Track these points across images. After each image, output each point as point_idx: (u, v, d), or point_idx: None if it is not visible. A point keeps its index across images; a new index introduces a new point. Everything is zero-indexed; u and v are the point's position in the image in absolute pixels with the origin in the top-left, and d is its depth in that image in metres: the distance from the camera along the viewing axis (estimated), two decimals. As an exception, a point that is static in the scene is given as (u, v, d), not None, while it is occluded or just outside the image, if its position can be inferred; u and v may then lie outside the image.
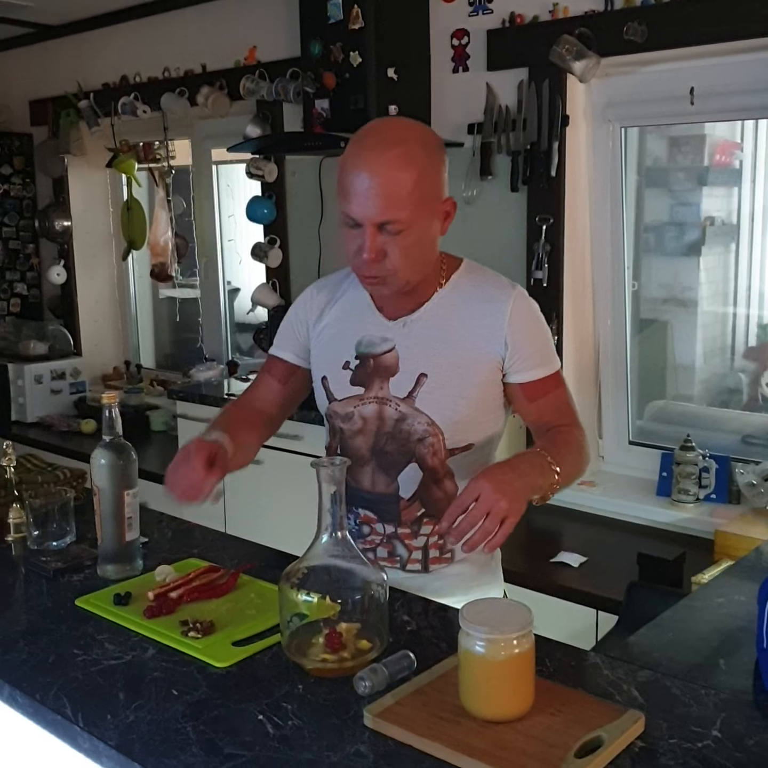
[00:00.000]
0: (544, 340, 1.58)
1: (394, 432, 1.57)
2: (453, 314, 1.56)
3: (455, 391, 1.54)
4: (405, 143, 1.44)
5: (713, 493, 2.83)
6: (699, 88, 2.70)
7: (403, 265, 1.47)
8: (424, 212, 1.45)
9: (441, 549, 1.60)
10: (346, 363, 1.61)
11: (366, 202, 1.42)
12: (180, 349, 4.79)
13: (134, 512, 1.60)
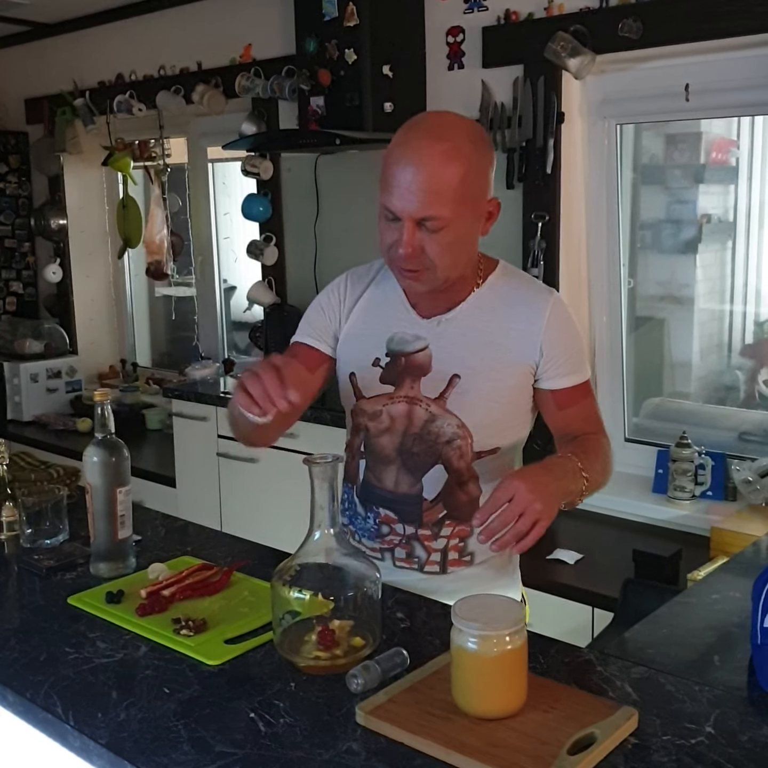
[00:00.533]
0: (579, 348, 1.56)
1: (422, 433, 1.54)
2: (489, 316, 1.53)
3: (487, 394, 1.52)
4: (454, 138, 1.39)
5: (709, 490, 2.82)
6: (694, 85, 2.69)
7: (440, 262, 1.44)
8: (467, 211, 1.41)
9: (461, 551, 1.58)
10: (377, 360, 1.57)
11: (408, 196, 1.38)
12: (176, 347, 4.79)
13: (127, 510, 1.59)
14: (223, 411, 3.31)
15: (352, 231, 3.50)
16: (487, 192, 1.47)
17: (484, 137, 1.47)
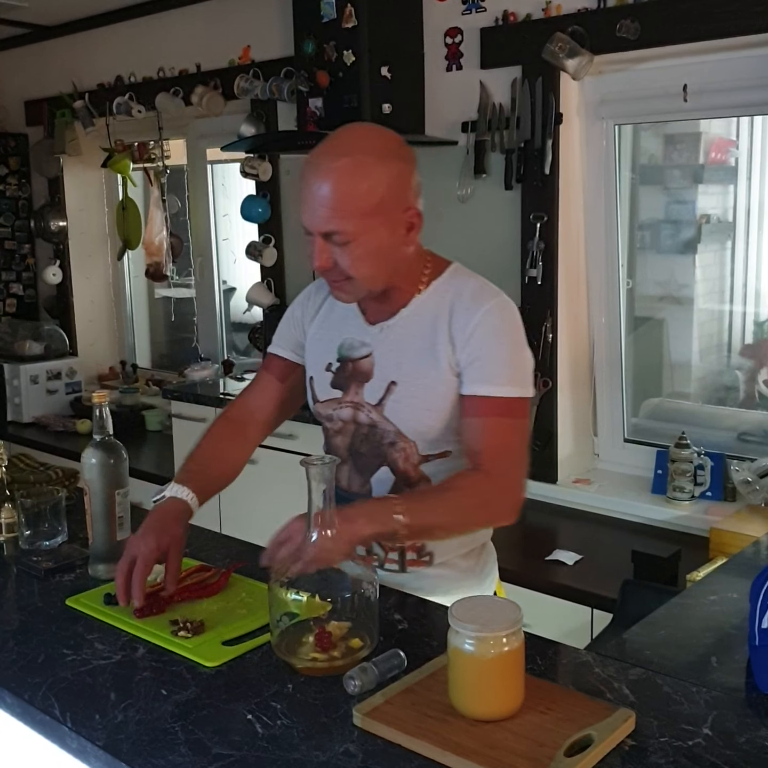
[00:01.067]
0: (505, 359, 1.47)
1: (369, 435, 1.57)
2: (428, 322, 1.52)
3: (421, 402, 1.51)
4: (354, 153, 1.40)
5: (708, 491, 2.82)
6: (692, 85, 2.69)
7: (356, 273, 1.45)
8: (376, 224, 1.41)
9: (419, 551, 1.59)
10: (329, 365, 1.62)
11: (313, 212, 1.41)
12: (175, 348, 4.79)
13: (125, 511, 1.59)
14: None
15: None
16: (400, 205, 1.44)
17: (394, 151, 1.44)
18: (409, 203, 1.45)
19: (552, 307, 2.96)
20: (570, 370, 3.07)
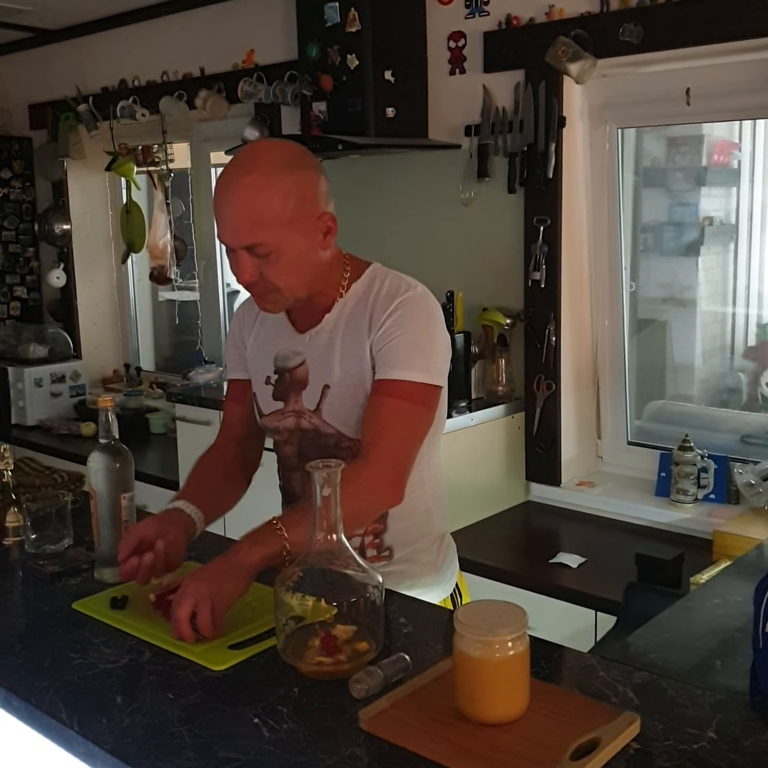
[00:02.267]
0: (410, 345, 1.51)
1: (314, 438, 1.61)
2: (351, 323, 1.57)
3: (352, 400, 1.56)
4: (259, 169, 1.45)
5: (712, 493, 2.83)
6: (695, 89, 2.70)
7: (281, 283, 1.50)
8: (294, 232, 1.46)
9: (378, 547, 1.63)
10: (267, 378, 1.66)
11: (232, 228, 1.46)
12: (179, 351, 4.79)
13: (131, 515, 1.60)
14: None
15: (353, 236, 3.48)
16: (313, 211, 1.49)
17: (298, 160, 1.49)
18: (321, 209, 1.51)
19: (555, 310, 2.97)
20: (573, 373, 3.07)
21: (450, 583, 1.73)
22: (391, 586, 1.56)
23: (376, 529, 1.62)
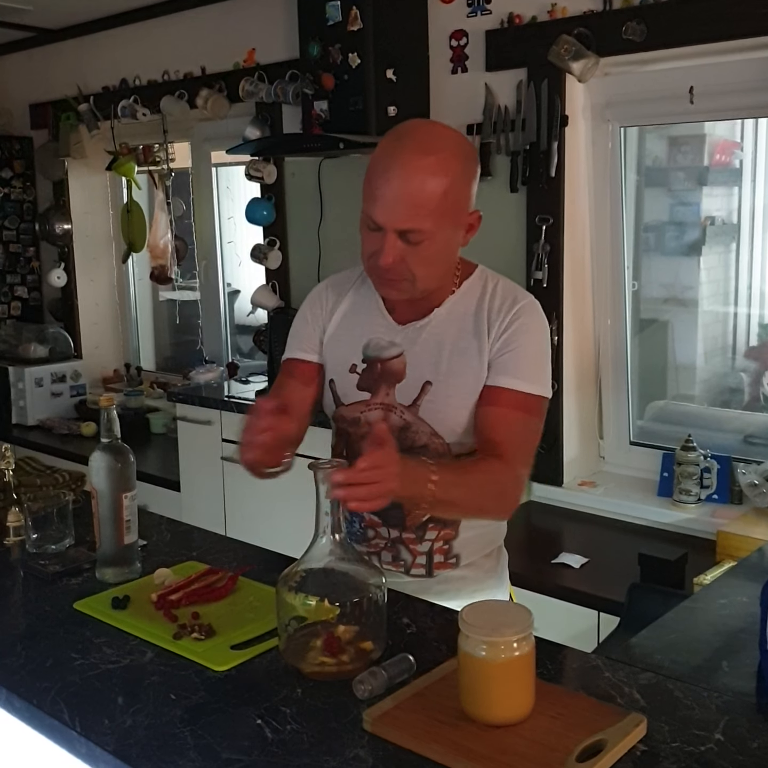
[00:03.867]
0: (532, 356, 1.50)
1: (400, 438, 1.53)
2: (461, 322, 1.53)
3: (457, 401, 1.51)
4: (441, 152, 1.39)
5: (715, 494, 2.81)
6: (698, 87, 2.69)
7: (420, 273, 1.45)
8: (448, 224, 1.42)
9: (446, 554, 1.59)
10: (353, 366, 1.57)
11: (392, 208, 1.39)
12: (180, 351, 4.78)
13: (132, 515, 1.58)
14: (227, 415, 3.31)
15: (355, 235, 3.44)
16: (469, 205, 1.47)
17: (471, 151, 1.47)
18: (473, 204, 1.48)
19: (558, 310, 2.96)
20: (575, 373, 3.06)
21: (507, 589, 1.70)
22: (454, 592, 1.56)
23: (447, 535, 1.58)
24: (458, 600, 1.53)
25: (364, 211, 1.44)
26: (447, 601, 1.52)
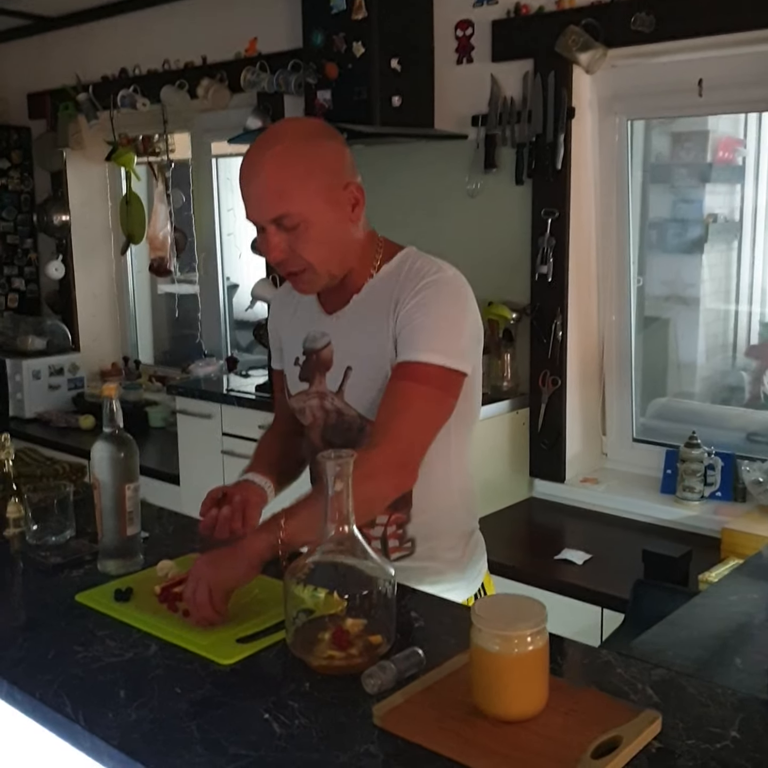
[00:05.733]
0: (430, 327, 1.47)
1: (337, 424, 1.59)
2: (377, 305, 1.54)
3: (375, 383, 1.53)
4: (282, 141, 1.45)
5: (718, 491, 2.80)
6: (708, 80, 2.66)
7: (313, 258, 1.47)
8: (321, 202, 1.45)
9: (401, 538, 1.60)
10: (296, 359, 1.65)
11: (256, 203, 1.45)
12: (179, 345, 4.75)
13: (135, 506, 1.56)
14: (227, 408, 3.29)
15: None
16: (339, 181, 1.48)
17: (321, 131, 1.50)
18: (348, 179, 1.49)
19: (562, 305, 2.93)
20: (579, 369, 3.04)
21: (475, 582, 1.68)
22: (414, 583, 1.54)
23: (399, 519, 1.58)
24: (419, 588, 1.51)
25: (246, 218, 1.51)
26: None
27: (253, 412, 3.17)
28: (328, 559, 1.25)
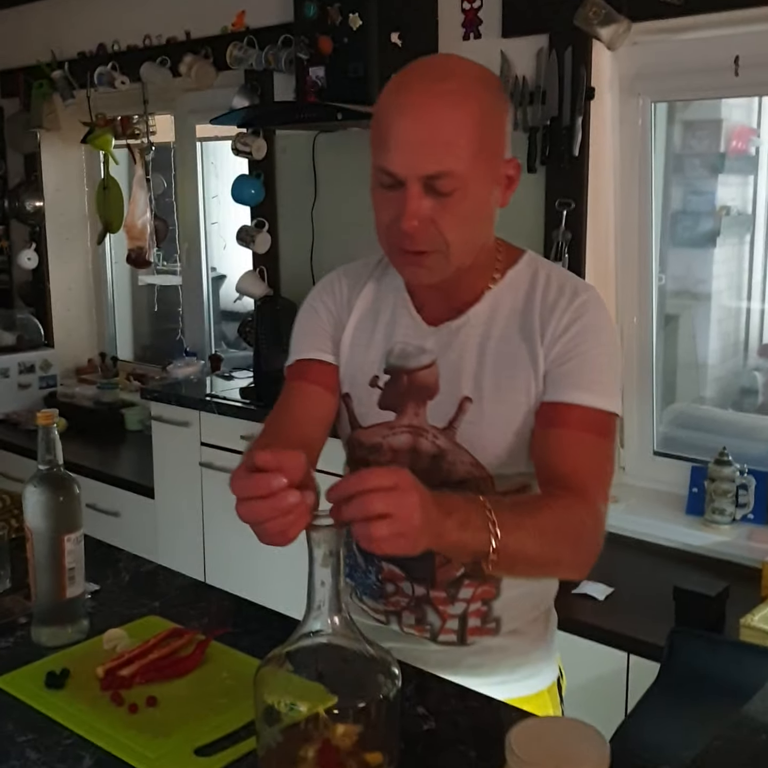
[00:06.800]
0: (602, 365, 1.19)
1: (431, 469, 1.22)
2: (507, 319, 1.23)
3: (504, 421, 1.20)
4: (460, 77, 1.12)
5: (750, 513, 2.53)
6: (744, 59, 2.37)
7: (453, 238, 1.14)
8: (483, 170, 1.13)
9: (484, 617, 1.27)
10: (374, 378, 1.27)
11: (411, 150, 1.10)
12: (159, 340, 4.49)
13: (77, 561, 1.27)
14: (207, 416, 3.00)
15: (352, 217, 3.20)
16: (504, 149, 1.18)
17: (496, 81, 1.20)
18: (508, 152, 1.19)
19: (578, 305, 2.66)
20: (596, 375, 2.77)
21: (556, 663, 1.38)
22: (491, 666, 1.26)
23: (487, 594, 1.26)
24: (496, 676, 1.23)
25: (375, 166, 1.15)
26: (482, 677, 1.21)
27: (235, 420, 2.88)
28: (317, 642, 0.97)
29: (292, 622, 1.35)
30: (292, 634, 0.97)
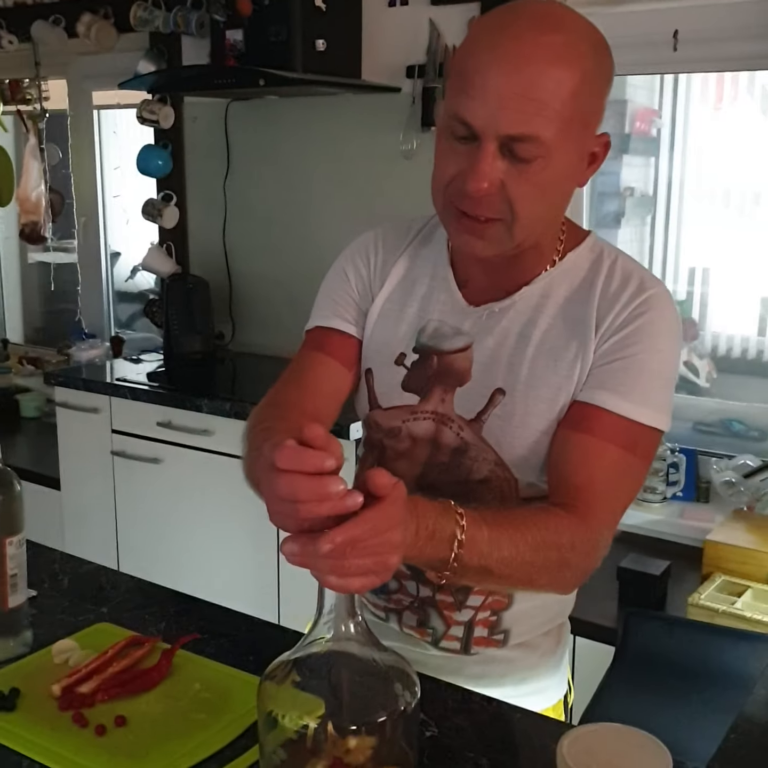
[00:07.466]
0: (652, 371, 1.05)
1: (451, 464, 1.11)
2: (556, 309, 1.10)
3: (537, 420, 1.08)
4: (569, 32, 0.98)
5: (681, 491, 2.55)
6: (684, 33, 2.35)
7: (525, 210, 1.00)
8: (573, 141, 0.99)
9: (491, 627, 1.17)
10: (401, 356, 1.15)
11: (498, 103, 0.95)
12: (54, 321, 4.21)
13: (20, 567, 1.12)
14: (117, 401, 2.81)
15: (268, 191, 3.07)
16: (598, 122, 1.04)
17: (605, 43, 1.03)
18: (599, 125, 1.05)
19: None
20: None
21: (565, 678, 1.28)
22: (495, 678, 1.16)
23: (497, 604, 1.15)
24: (498, 688, 1.14)
25: (448, 110, 1.00)
26: (483, 689, 1.11)
27: (148, 406, 2.71)
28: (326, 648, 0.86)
29: (260, 624, 1.25)
30: (300, 641, 0.86)
